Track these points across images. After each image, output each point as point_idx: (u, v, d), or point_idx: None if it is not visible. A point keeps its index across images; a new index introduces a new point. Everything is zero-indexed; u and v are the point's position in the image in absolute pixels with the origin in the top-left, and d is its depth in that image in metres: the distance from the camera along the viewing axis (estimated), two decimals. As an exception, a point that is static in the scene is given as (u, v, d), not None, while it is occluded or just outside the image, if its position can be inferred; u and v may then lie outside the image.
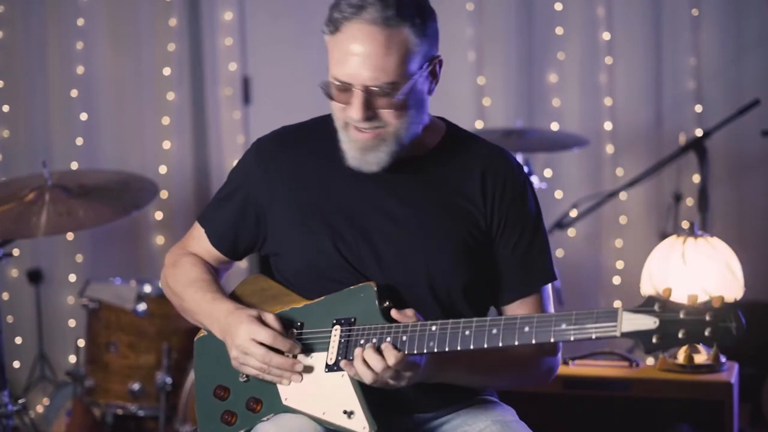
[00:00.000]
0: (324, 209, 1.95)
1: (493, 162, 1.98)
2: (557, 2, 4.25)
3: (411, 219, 1.93)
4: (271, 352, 1.86)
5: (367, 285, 1.88)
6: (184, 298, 2.06)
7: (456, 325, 1.77)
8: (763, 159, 4.18)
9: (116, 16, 4.43)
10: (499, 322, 1.74)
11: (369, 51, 1.80)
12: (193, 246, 2.11)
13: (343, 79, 1.83)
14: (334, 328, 1.87)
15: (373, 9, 1.80)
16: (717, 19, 4.15)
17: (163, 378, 3.59)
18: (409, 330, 1.79)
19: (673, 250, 2.96)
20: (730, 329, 1.56)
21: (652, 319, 1.61)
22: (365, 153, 1.89)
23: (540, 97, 4.32)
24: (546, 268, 1.99)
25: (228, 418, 1.96)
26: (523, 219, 1.97)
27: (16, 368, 4.41)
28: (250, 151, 2.06)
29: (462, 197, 1.95)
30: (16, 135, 4.43)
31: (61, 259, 4.45)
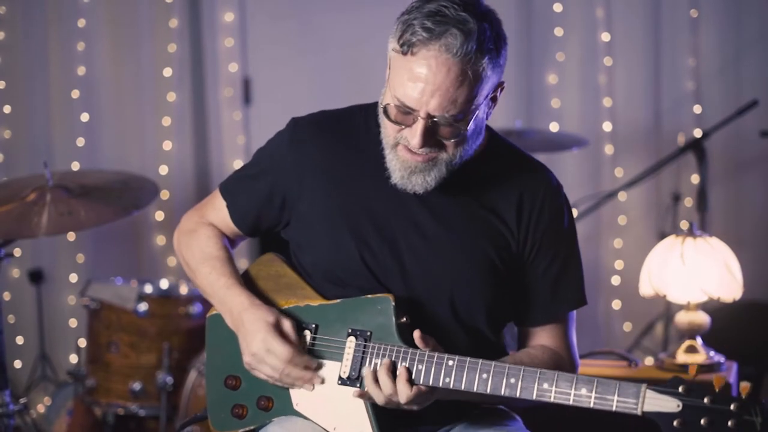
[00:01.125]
0: (353, 213, 1.90)
1: (533, 182, 1.91)
2: (557, 3, 4.26)
3: (441, 236, 1.87)
4: (288, 365, 1.83)
5: (386, 297, 1.84)
6: (197, 274, 2.02)
7: (474, 365, 1.73)
8: (762, 159, 4.18)
9: (117, 17, 4.43)
10: (519, 373, 1.70)
11: (441, 81, 1.72)
12: (211, 215, 2.06)
13: (407, 103, 1.75)
14: (348, 339, 1.85)
15: (453, 38, 1.70)
16: (716, 20, 4.16)
17: (164, 378, 3.59)
18: (426, 359, 1.75)
19: (672, 250, 2.96)
20: (755, 424, 1.54)
21: (675, 402, 1.58)
22: (413, 175, 1.82)
23: (539, 97, 4.32)
24: (574, 295, 1.94)
25: (239, 411, 1.95)
26: (556, 244, 1.92)
27: (18, 368, 4.40)
28: (283, 133, 1.99)
29: (496, 218, 1.89)
30: (17, 135, 4.43)
31: (62, 259, 4.44)
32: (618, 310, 4.30)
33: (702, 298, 2.95)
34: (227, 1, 4.44)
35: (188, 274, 2.07)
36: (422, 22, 1.71)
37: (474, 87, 1.73)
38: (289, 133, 1.97)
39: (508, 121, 4.20)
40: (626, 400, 1.62)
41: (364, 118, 1.94)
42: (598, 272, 4.29)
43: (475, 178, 1.89)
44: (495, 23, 1.77)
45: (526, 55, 4.31)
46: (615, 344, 4.14)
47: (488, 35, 1.73)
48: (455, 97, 1.73)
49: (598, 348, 3.36)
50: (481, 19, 1.73)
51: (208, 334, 2.03)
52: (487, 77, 1.75)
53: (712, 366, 2.89)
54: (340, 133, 1.94)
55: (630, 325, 4.29)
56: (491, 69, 1.75)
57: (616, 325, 4.30)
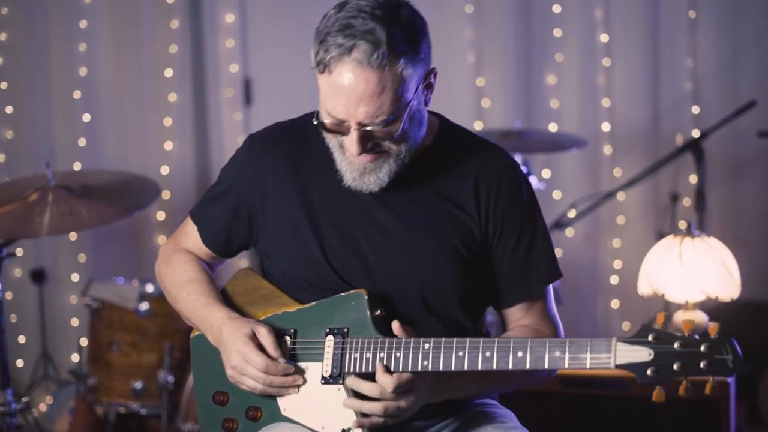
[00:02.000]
0: (314, 218, 1.92)
1: (487, 163, 1.92)
2: (556, 4, 4.26)
3: (401, 232, 1.89)
4: (268, 375, 1.85)
5: (358, 293, 1.86)
6: (177, 299, 2.04)
7: (449, 344, 1.74)
8: (760, 159, 4.18)
9: (118, 17, 4.43)
10: (493, 345, 1.72)
11: (362, 92, 1.73)
12: (185, 242, 2.09)
13: (337, 115, 1.78)
14: (327, 338, 1.86)
15: (362, 49, 1.72)
16: (714, 21, 4.16)
17: (165, 377, 3.60)
18: (402, 346, 1.77)
19: (670, 249, 2.96)
20: (727, 362, 1.55)
21: (646, 351, 1.59)
22: (364, 175, 1.84)
23: (538, 98, 4.32)
24: (547, 270, 1.94)
25: (229, 425, 1.96)
26: (520, 221, 1.92)
27: (20, 367, 4.42)
28: (242, 149, 2.03)
29: (455, 206, 1.90)
30: (19, 136, 4.44)
31: (64, 259, 4.45)
32: (616, 310, 4.30)
33: (700, 298, 2.96)
34: (228, 2, 4.44)
35: (171, 303, 2.09)
36: (334, 39, 1.74)
37: (397, 89, 1.75)
38: (247, 149, 2.01)
39: (507, 122, 4.21)
40: (599, 356, 1.62)
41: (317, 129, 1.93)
42: (596, 272, 4.29)
43: (429, 168, 1.91)
44: (406, 20, 1.77)
45: (525, 56, 4.31)
46: (614, 343, 4.16)
47: (398, 38, 1.73)
48: (380, 103, 1.75)
49: None
50: (390, 22, 1.74)
51: (192, 354, 2.05)
52: (409, 75, 1.75)
53: None
54: (295, 143, 1.96)
55: (629, 324, 4.29)
56: (411, 67, 1.75)
57: (614, 325, 4.29)
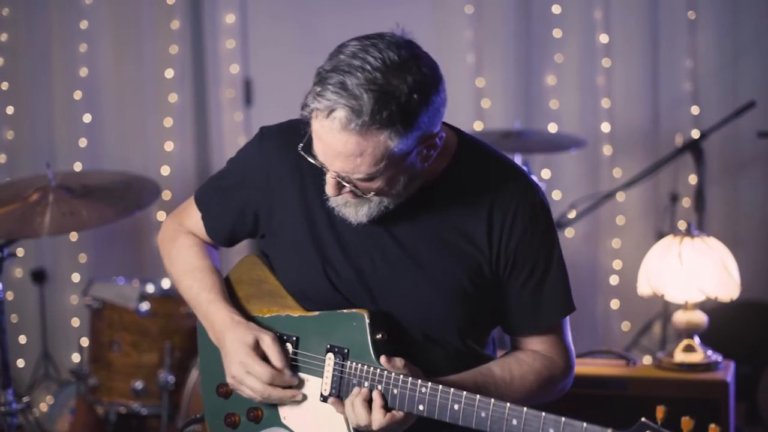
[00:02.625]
0: (319, 235, 1.88)
1: (504, 189, 1.84)
2: (555, 5, 4.26)
3: (406, 264, 1.84)
4: (268, 387, 1.84)
5: (360, 314, 1.82)
6: (180, 285, 2.03)
7: (446, 394, 1.71)
8: (759, 160, 4.19)
9: (119, 18, 4.44)
10: (488, 407, 1.68)
11: (340, 150, 1.67)
12: (188, 223, 2.07)
13: (319, 159, 1.73)
14: (327, 355, 1.85)
15: (343, 114, 1.64)
16: (713, 21, 4.16)
17: (166, 377, 3.60)
18: (399, 384, 1.74)
19: (670, 249, 2.96)
20: None
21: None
22: (343, 207, 1.80)
23: (538, 98, 4.32)
24: (560, 302, 1.88)
25: (231, 419, 1.96)
26: (534, 254, 1.85)
27: (20, 367, 4.43)
28: (253, 146, 1.98)
29: (465, 240, 1.84)
30: (20, 136, 4.45)
31: (64, 259, 4.46)
32: (616, 310, 4.30)
33: (700, 298, 2.95)
34: (228, 2, 4.45)
35: (174, 282, 2.08)
36: (324, 92, 1.67)
37: (377, 157, 1.68)
38: (257, 146, 1.97)
39: (507, 122, 4.21)
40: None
41: None
42: (596, 272, 4.30)
43: (442, 195, 1.84)
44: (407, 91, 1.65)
45: (525, 57, 4.31)
46: (613, 343, 4.15)
47: (386, 112, 1.64)
48: (358, 164, 1.69)
49: (596, 347, 3.37)
50: (385, 93, 1.64)
51: (199, 340, 2.05)
52: (394, 145, 1.67)
53: (709, 365, 2.90)
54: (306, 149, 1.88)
55: (628, 324, 4.30)
56: (398, 138, 1.67)
57: (614, 325, 4.30)
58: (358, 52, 1.68)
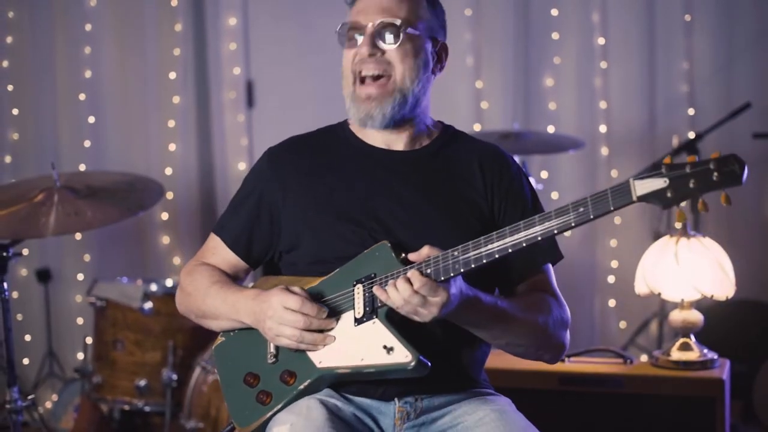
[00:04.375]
0: (337, 196, 2.02)
1: (488, 154, 2.09)
2: (553, 8, 4.28)
3: (424, 206, 2.00)
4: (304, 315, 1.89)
5: (382, 244, 1.92)
6: (205, 301, 2.07)
7: (476, 242, 1.81)
8: (754, 161, 4.16)
9: (123, 21, 4.46)
10: (519, 228, 1.78)
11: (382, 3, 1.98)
12: (208, 257, 2.14)
13: (355, 19, 2.00)
14: (356, 287, 1.90)
15: None
16: (709, 24, 4.18)
17: (169, 375, 3.63)
18: (431, 264, 1.83)
19: (666, 249, 2.97)
20: (735, 171, 1.64)
21: (662, 179, 1.67)
22: (371, 106, 1.99)
23: (536, 100, 4.33)
24: (549, 247, 2.04)
25: (263, 398, 1.96)
26: (522, 201, 2.05)
27: (26, 365, 4.45)
28: (261, 159, 2.12)
29: (466, 185, 2.04)
30: (25, 137, 4.47)
31: (69, 259, 4.49)
32: (613, 309, 4.31)
33: (695, 297, 2.94)
34: (231, 5, 4.47)
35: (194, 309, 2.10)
36: None
37: (412, 8, 1.99)
38: (266, 157, 2.12)
39: (505, 124, 4.23)
40: (620, 197, 1.69)
41: (331, 129, 2.12)
42: (594, 271, 4.31)
43: (441, 154, 2.07)
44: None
45: (523, 59, 4.33)
46: (610, 342, 4.16)
47: None
48: (396, 10, 1.98)
49: (593, 346, 3.35)
50: None
51: (218, 362, 2.07)
52: (424, 9, 2.01)
53: (705, 363, 2.91)
54: (312, 148, 2.10)
55: (625, 323, 4.31)
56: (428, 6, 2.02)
57: (611, 323, 4.31)
58: None
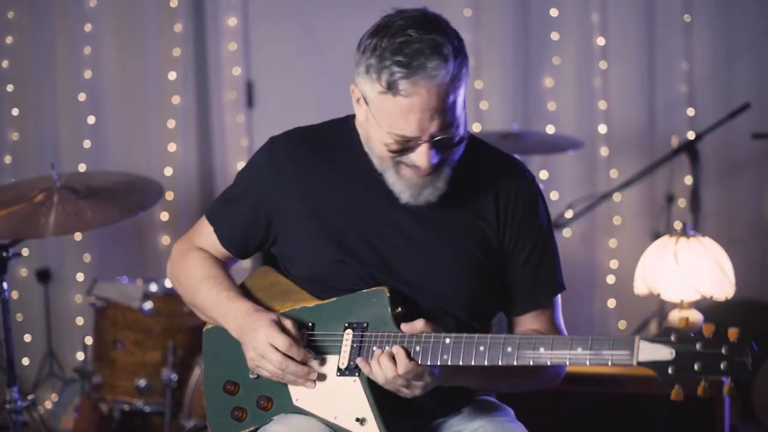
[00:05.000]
0: (335, 219, 1.92)
1: (507, 176, 1.95)
2: (553, 8, 4.28)
3: (424, 236, 1.91)
4: (287, 359, 1.86)
5: (380, 290, 1.86)
6: (196, 294, 2.04)
7: (470, 339, 1.75)
8: (753, 161, 4.20)
9: (123, 21, 4.45)
10: (515, 341, 1.73)
11: (435, 105, 1.74)
12: (200, 241, 2.09)
13: (408, 134, 1.77)
14: (346, 332, 1.86)
15: (433, 66, 1.73)
16: (708, 24, 4.18)
17: (169, 375, 3.64)
18: (422, 341, 1.77)
19: (665, 249, 2.98)
20: (746, 364, 1.55)
21: (668, 350, 1.58)
22: (423, 189, 1.85)
23: (536, 100, 4.33)
24: (555, 280, 1.98)
25: (238, 414, 1.95)
26: (534, 232, 1.95)
27: (26, 365, 4.44)
28: (262, 153, 2.02)
29: (475, 215, 1.93)
30: (25, 137, 4.46)
31: (69, 259, 4.48)
32: (613, 309, 4.31)
33: (695, 297, 2.96)
34: (231, 5, 4.46)
35: (186, 297, 2.09)
36: (397, 59, 1.73)
37: (459, 95, 1.79)
38: (267, 153, 2.00)
39: (505, 124, 4.22)
40: (620, 352, 1.63)
41: (338, 130, 1.98)
42: (593, 271, 4.31)
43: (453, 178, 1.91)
44: (450, 28, 1.80)
45: (522, 59, 4.32)
46: (610, 342, 4.17)
47: (457, 46, 1.77)
48: (449, 112, 1.77)
49: None
50: (445, 33, 1.77)
51: (205, 347, 2.05)
52: (464, 78, 1.80)
53: None
54: (315, 149, 1.97)
55: (625, 323, 4.31)
56: (466, 70, 1.81)
57: (611, 323, 4.31)
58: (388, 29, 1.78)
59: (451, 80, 1.75)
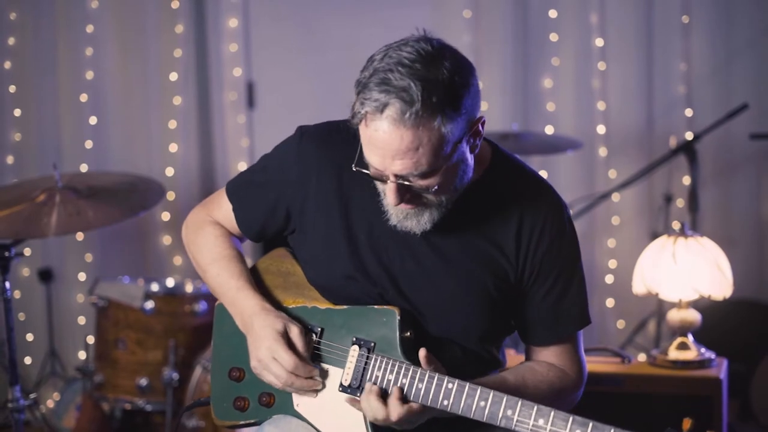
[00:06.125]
0: (352, 233, 1.89)
1: (534, 203, 1.87)
2: (552, 9, 4.29)
3: (436, 265, 1.86)
4: (293, 375, 1.85)
5: (392, 310, 1.85)
6: (206, 272, 2.03)
7: (473, 390, 1.73)
8: (751, 161, 4.21)
9: (124, 22, 4.47)
10: (516, 406, 1.70)
11: (397, 148, 1.68)
12: (217, 214, 2.07)
13: (374, 165, 1.74)
14: (352, 347, 1.86)
15: (394, 108, 1.66)
16: (706, 25, 4.19)
17: (170, 374, 3.65)
18: (426, 379, 1.76)
19: (664, 249, 2.98)
20: None
21: None
22: (406, 219, 1.81)
23: (535, 101, 4.34)
24: (578, 316, 1.92)
25: (240, 403, 1.97)
26: (558, 266, 1.88)
27: (28, 364, 4.46)
28: (290, 144, 1.97)
29: (494, 247, 1.86)
30: (27, 138, 4.48)
31: (70, 259, 4.49)
32: (611, 308, 4.32)
33: (693, 296, 2.95)
34: (231, 6, 4.47)
35: (197, 271, 2.09)
36: (370, 94, 1.68)
37: (435, 144, 1.68)
38: (296, 144, 1.96)
39: (504, 124, 4.23)
40: None
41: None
42: (592, 271, 4.29)
43: (474, 204, 1.86)
44: (447, 75, 1.68)
45: (522, 60, 4.33)
46: (608, 341, 4.16)
47: (435, 97, 1.66)
48: (417, 159, 1.69)
49: (592, 345, 3.35)
50: (428, 79, 1.67)
51: (216, 323, 2.05)
52: (448, 131, 1.69)
53: (703, 362, 2.92)
54: (343, 150, 1.88)
55: (623, 322, 4.32)
56: (449, 123, 1.68)
57: (609, 323, 4.32)
58: (390, 52, 1.71)
59: (416, 125, 1.66)
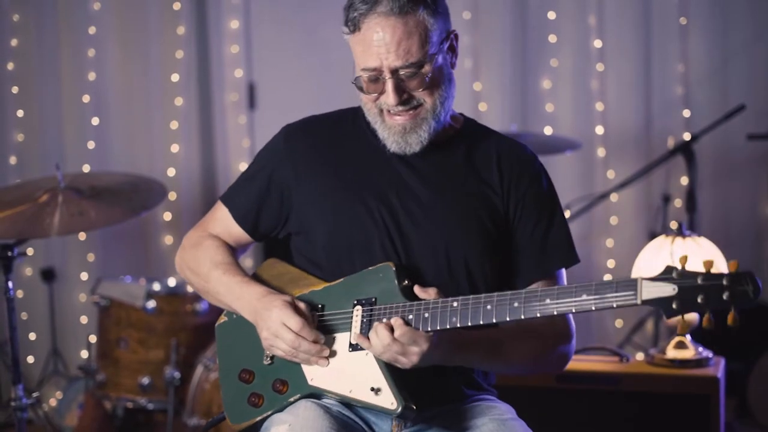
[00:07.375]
0: (351, 185, 2.00)
1: (508, 149, 2.03)
2: (550, 11, 4.30)
3: (435, 202, 1.97)
4: (300, 338, 1.89)
5: (385, 265, 1.90)
6: (209, 279, 2.08)
7: (477, 300, 1.78)
8: (749, 162, 4.22)
9: (126, 24, 4.49)
10: (521, 296, 1.75)
11: (390, 39, 1.88)
12: (213, 227, 2.14)
13: (372, 66, 1.91)
14: (355, 308, 1.89)
15: (383, 3, 1.89)
16: (704, 27, 4.20)
17: (172, 372, 3.66)
18: (430, 307, 1.81)
19: (662, 249, 2.99)
20: (747, 292, 1.56)
21: (671, 286, 1.60)
22: (406, 135, 1.94)
23: (534, 102, 4.35)
24: (564, 253, 1.99)
25: (255, 400, 1.98)
26: (539, 205, 1.99)
27: (30, 363, 4.47)
28: (278, 135, 2.10)
29: (481, 182, 1.99)
30: (30, 139, 4.49)
31: (73, 258, 4.51)
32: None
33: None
34: (233, 8, 4.49)
35: (196, 285, 2.13)
36: (358, 2, 1.91)
37: (422, 34, 1.90)
38: (283, 134, 2.10)
39: (503, 125, 4.24)
40: (624, 294, 1.65)
41: (352, 115, 2.08)
42: (590, 271, 4.31)
43: (459, 147, 2.02)
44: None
45: (521, 61, 4.35)
46: (607, 340, 4.17)
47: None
48: (408, 47, 1.89)
49: (590, 344, 3.37)
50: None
51: (218, 342, 2.09)
52: (431, 24, 1.91)
53: (700, 361, 2.92)
54: (330, 128, 2.08)
55: (621, 321, 4.34)
56: (431, 17, 1.91)
57: (607, 322, 4.34)
58: None
59: (404, 15, 1.89)
